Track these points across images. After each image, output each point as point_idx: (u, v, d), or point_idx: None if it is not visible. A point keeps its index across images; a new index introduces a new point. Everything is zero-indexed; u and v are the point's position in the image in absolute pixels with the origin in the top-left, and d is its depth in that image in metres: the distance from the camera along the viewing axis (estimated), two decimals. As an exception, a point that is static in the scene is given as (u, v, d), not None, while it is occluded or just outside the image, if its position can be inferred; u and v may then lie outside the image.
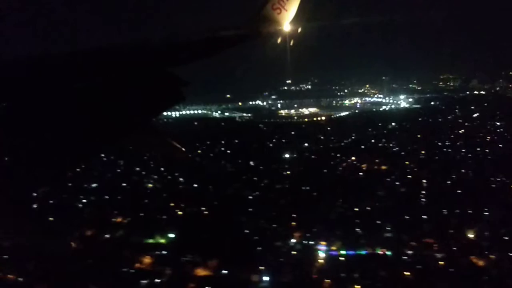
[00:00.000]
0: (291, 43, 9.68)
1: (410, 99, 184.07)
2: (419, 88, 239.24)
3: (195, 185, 71.24)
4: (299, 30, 9.63)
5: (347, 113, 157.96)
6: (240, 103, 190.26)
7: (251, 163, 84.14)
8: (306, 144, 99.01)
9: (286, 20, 9.29)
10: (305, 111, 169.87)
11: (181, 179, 74.98)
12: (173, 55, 6.73)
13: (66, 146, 4.20)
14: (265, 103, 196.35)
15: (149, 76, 5.60)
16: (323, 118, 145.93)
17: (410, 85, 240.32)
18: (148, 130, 6.23)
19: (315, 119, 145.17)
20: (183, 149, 7.02)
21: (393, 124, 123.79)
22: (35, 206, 61.27)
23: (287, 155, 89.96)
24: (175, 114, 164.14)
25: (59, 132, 4.24)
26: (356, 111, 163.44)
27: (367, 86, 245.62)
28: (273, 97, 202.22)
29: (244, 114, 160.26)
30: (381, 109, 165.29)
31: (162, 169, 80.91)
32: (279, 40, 9.49)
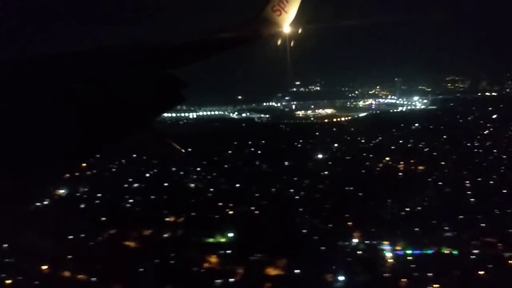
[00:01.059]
0: (292, 44, 9.72)
1: (425, 100, 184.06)
2: (428, 89, 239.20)
3: (237, 185, 70.92)
4: (299, 31, 9.68)
5: (364, 114, 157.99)
6: (253, 104, 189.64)
7: (286, 163, 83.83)
8: (335, 145, 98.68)
9: (286, 22, 9.31)
10: (322, 112, 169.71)
11: (221, 179, 74.67)
12: (173, 56, 6.70)
13: (65, 147, 4.16)
14: (278, 104, 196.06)
15: (149, 77, 5.57)
16: (343, 119, 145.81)
17: (419, 87, 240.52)
18: (148, 131, 6.19)
19: (334, 120, 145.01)
20: (182, 150, 7.03)
21: (416, 125, 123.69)
22: (82, 206, 61.34)
23: (320, 156, 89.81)
24: (192, 115, 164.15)
25: (58, 132, 4.21)
26: (374, 112, 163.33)
27: (377, 87, 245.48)
28: (287, 98, 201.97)
29: (262, 115, 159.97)
30: (398, 110, 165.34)
31: (199, 168, 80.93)
32: (279, 42, 9.50)
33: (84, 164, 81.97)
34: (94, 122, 4.55)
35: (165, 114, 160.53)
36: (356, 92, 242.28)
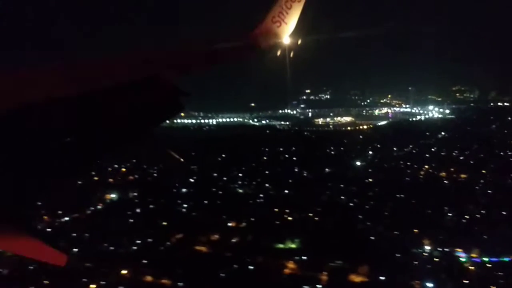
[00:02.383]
0: (291, 55, 9.82)
1: (440, 110, 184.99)
2: (439, 99, 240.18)
3: (286, 191, 70.55)
4: (299, 42, 9.76)
5: (384, 122, 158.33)
6: (269, 112, 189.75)
7: (327, 170, 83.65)
8: (370, 152, 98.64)
9: (286, 33, 9.41)
10: (341, 120, 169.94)
11: (266, 184, 74.24)
12: (173, 66, 6.70)
13: (66, 155, 4.25)
14: (294, 112, 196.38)
15: (148, 86, 5.59)
16: (365, 127, 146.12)
17: (429, 96, 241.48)
18: (147, 140, 6.13)
19: (356, 128, 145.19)
20: (181, 159, 7.30)
21: (442, 133, 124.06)
22: (138, 210, 60.71)
23: (358, 163, 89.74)
24: (211, 121, 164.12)
25: (59, 141, 4.30)
26: (393, 120, 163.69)
27: (389, 96, 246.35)
28: (302, 106, 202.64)
29: (282, 122, 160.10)
30: (417, 119, 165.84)
31: (240, 174, 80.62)
32: (278, 53, 9.59)
33: (123, 169, 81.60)
34: (92, 130, 4.59)
35: (186, 120, 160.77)
36: (368, 100, 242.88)
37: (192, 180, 76.39)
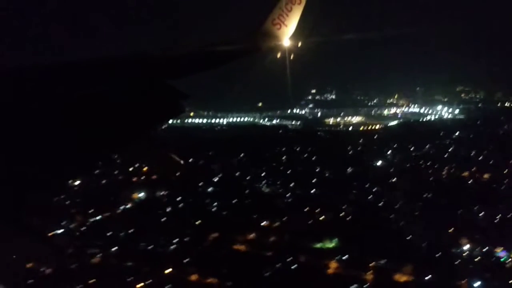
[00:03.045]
0: (291, 57, 9.87)
1: (449, 110, 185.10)
2: (444, 99, 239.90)
3: (312, 191, 70.35)
4: (299, 45, 9.81)
5: (395, 122, 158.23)
6: (278, 111, 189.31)
7: (349, 169, 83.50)
8: (388, 152, 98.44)
9: (286, 35, 9.46)
10: (351, 120, 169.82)
11: (291, 184, 73.97)
12: (173, 68, 6.75)
13: (65, 156, 4.25)
14: (303, 112, 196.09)
15: (148, 88, 5.57)
16: (377, 127, 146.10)
17: (435, 96, 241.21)
18: (148, 141, 6.18)
19: (368, 128, 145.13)
20: (181, 161, 7.38)
21: (456, 133, 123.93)
22: (169, 209, 60.46)
23: (378, 163, 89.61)
24: (221, 121, 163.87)
25: (58, 142, 4.26)
26: (404, 120, 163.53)
27: (395, 96, 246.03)
28: (310, 106, 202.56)
29: (293, 122, 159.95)
30: (428, 119, 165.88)
31: (263, 174, 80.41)
32: (279, 55, 9.63)
33: (145, 169, 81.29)
34: (92, 132, 4.56)
35: (198, 120, 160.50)
36: (374, 101, 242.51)
37: (216, 180, 76.15)
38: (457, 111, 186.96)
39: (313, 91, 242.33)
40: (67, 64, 5.70)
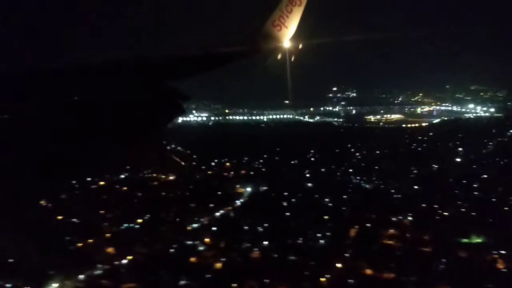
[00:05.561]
0: (292, 59, 9.91)
1: (484, 108, 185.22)
2: (468, 98, 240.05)
3: (415, 187, 69.66)
4: (300, 46, 9.84)
5: (438, 120, 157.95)
6: (311, 109, 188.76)
7: (434, 166, 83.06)
8: (459, 149, 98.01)
9: (287, 37, 9.48)
10: (392, 117, 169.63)
11: (386, 180, 73.25)
12: (173, 70, 6.79)
13: (68, 157, 4.38)
14: (336, 109, 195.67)
15: (149, 90, 5.64)
16: (423, 124, 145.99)
17: (456, 95, 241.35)
18: (149, 143, 6.34)
19: (414, 125, 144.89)
20: (182, 163, 7.18)
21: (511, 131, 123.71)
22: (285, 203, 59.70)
23: (458, 159, 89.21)
24: (264, 118, 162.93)
25: (61, 144, 4.36)
26: (445, 118, 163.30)
27: (420, 94, 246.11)
28: (342, 103, 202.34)
29: (336, 119, 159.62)
30: (469, 117, 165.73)
31: (351, 170, 79.80)
32: (279, 56, 9.67)
33: (227, 164, 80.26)
34: (94, 134, 4.64)
35: (238, 117, 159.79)
36: (399, 99, 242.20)
37: (308, 175, 75.53)
38: (492, 109, 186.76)
39: (334, 88, 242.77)
40: (68, 68, 5.75)
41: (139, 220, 53.15)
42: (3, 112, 4.17)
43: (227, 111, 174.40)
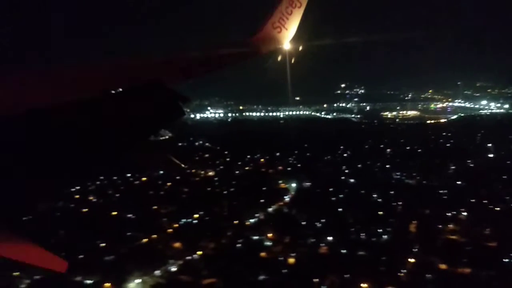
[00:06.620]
0: (292, 61, 10.06)
1: (498, 104, 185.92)
2: (477, 94, 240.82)
3: (459, 182, 69.53)
4: (300, 48, 9.95)
5: (455, 117, 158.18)
6: (324, 105, 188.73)
7: (469, 161, 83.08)
8: (489, 145, 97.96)
9: (287, 38, 9.59)
10: (408, 113, 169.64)
11: (428, 176, 73.02)
12: (173, 71, 6.84)
13: (66, 160, 4.37)
14: (349, 105, 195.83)
15: (148, 92, 5.69)
16: (441, 121, 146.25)
17: (465, 92, 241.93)
18: (148, 145, 6.31)
19: (432, 121, 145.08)
20: (182, 165, 7.21)
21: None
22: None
23: (489, 155, 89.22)
24: (280, 114, 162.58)
25: (60, 146, 4.37)
26: (461, 114, 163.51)
27: (430, 91, 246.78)
28: (355, 99, 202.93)
29: (353, 116, 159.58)
30: (484, 113, 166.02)
31: (387, 166, 79.49)
32: (279, 58, 9.78)
33: (262, 160, 79.79)
34: (93, 136, 4.65)
35: (254, 113, 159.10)
36: (409, 96, 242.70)
37: (346, 171, 75.30)
38: (506, 105, 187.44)
39: (343, 85, 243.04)
40: (68, 68, 5.78)
41: (196, 216, 52.65)
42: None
43: (241, 107, 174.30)
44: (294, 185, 66.51)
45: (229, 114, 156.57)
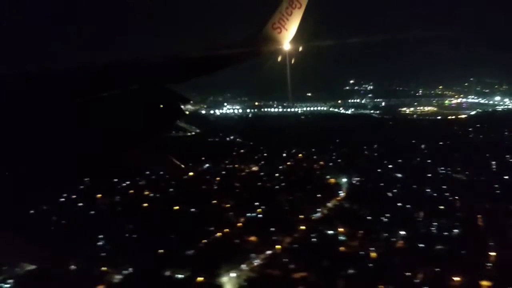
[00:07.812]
0: (292, 61, 10.08)
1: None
2: (486, 91, 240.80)
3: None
4: (300, 49, 9.98)
5: (474, 112, 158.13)
6: (339, 101, 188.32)
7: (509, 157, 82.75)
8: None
9: (287, 39, 9.60)
10: (425, 109, 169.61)
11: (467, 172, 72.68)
12: (173, 72, 6.84)
13: (67, 160, 4.34)
14: (364, 101, 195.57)
15: (149, 93, 5.66)
16: (461, 116, 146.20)
17: (476, 88, 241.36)
18: (148, 146, 6.29)
19: (454, 117, 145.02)
20: (182, 166, 7.17)
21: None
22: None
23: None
24: (298, 110, 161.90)
25: (60, 146, 4.33)
26: (479, 110, 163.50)
27: (440, 87, 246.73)
28: (370, 95, 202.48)
29: (372, 111, 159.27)
30: (502, 110, 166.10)
31: (429, 160, 79.13)
32: (279, 58, 9.80)
33: (300, 155, 79.13)
34: (94, 136, 4.62)
35: (271, 109, 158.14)
36: (420, 91, 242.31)
37: (390, 166, 74.93)
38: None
39: (351, 81, 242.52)
40: (68, 70, 5.73)
41: (259, 210, 52.09)
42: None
43: (256, 103, 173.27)
44: (344, 180, 65.99)
45: (248, 110, 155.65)
